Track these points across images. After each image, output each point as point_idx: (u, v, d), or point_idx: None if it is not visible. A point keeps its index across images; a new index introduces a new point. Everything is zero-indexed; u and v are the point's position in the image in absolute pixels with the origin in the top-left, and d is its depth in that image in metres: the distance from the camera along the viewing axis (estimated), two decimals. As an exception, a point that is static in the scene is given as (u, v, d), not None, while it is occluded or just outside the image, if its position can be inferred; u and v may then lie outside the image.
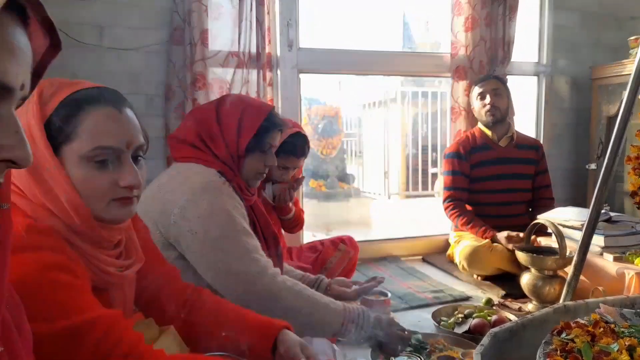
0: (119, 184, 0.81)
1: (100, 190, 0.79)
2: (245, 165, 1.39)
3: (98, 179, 0.79)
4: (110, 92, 0.83)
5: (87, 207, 0.78)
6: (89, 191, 0.78)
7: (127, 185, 0.81)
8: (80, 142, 0.78)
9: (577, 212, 2.18)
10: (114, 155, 0.80)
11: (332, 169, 5.95)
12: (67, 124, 0.78)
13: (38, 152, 0.75)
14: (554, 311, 1.39)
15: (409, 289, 2.23)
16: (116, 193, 0.81)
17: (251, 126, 1.34)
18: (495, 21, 2.72)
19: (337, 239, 2.16)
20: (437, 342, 1.54)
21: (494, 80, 2.56)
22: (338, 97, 5.79)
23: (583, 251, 1.59)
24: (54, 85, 0.80)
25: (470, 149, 2.55)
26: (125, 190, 0.82)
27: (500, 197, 2.53)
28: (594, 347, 0.98)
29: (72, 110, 0.78)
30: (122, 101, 0.84)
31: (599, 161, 2.83)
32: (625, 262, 1.86)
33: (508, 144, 2.57)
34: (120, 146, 0.80)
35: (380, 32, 3.15)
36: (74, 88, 0.80)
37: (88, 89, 0.81)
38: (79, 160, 0.78)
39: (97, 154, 0.78)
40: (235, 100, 1.41)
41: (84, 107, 0.79)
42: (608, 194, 1.56)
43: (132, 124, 0.84)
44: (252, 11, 2.28)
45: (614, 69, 2.76)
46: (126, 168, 0.82)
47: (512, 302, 2.04)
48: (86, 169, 0.78)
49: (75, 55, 2.17)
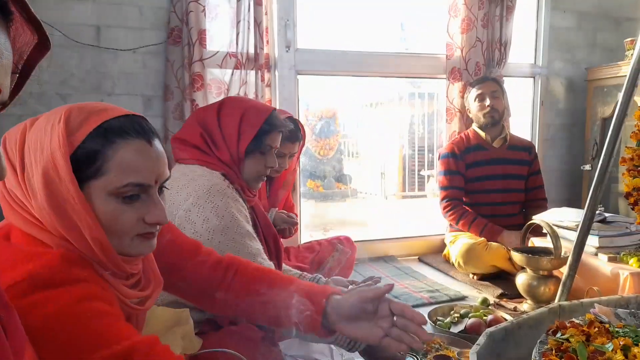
0: (145, 219, 0.78)
1: (127, 226, 0.76)
2: (246, 167, 1.40)
3: (125, 215, 0.76)
4: (140, 122, 0.79)
5: (111, 244, 0.75)
6: (115, 227, 0.75)
7: (154, 222, 0.79)
8: (108, 178, 0.74)
9: (572, 213, 2.20)
10: (142, 191, 0.77)
11: (329, 170, 5.96)
12: (96, 158, 0.73)
13: (62, 186, 0.71)
14: (549, 311, 1.40)
15: (406, 288, 2.24)
16: (141, 228, 0.78)
17: (251, 129, 1.35)
18: (491, 22, 2.74)
19: (334, 239, 2.17)
20: (433, 342, 1.54)
21: (492, 82, 2.57)
22: (335, 98, 5.80)
23: (578, 251, 1.60)
24: (82, 114, 0.75)
25: (464, 149, 2.57)
26: (150, 226, 0.79)
27: (493, 197, 2.55)
28: (589, 347, 0.99)
29: (101, 143, 0.74)
30: (151, 132, 0.80)
31: (594, 162, 2.85)
32: (619, 263, 1.87)
33: (501, 145, 2.59)
34: (150, 182, 0.78)
35: (377, 33, 3.16)
36: (103, 117, 0.76)
37: (118, 119, 0.77)
38: (106, 196, 0.74)
39: (126, 191, 0.75)
40: (236, 102, 1.42)
41: (115, 140, 0.74)
42: (603, 194, 1.58)
43: (161, 157, 0.80)
44: (249, 12, 2.28)
45: (609, 70, 2.77)
46: (153, 203, 0.79)
47: (507, 301, 2.05)
48: (113, 205, 0.75)
49: (72, 55, 2.17)
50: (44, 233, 0.73)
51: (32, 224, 0.73)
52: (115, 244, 0.76)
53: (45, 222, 0.72)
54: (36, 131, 0.74)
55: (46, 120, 0.74)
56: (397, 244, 2.86)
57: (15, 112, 2.11)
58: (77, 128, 0.73)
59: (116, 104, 2.28)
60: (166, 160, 0.82)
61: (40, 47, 0.51)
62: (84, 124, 0.74)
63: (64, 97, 2.18)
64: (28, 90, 2.13)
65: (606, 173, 1.55)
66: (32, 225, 0.73)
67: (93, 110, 0.76)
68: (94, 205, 0.73)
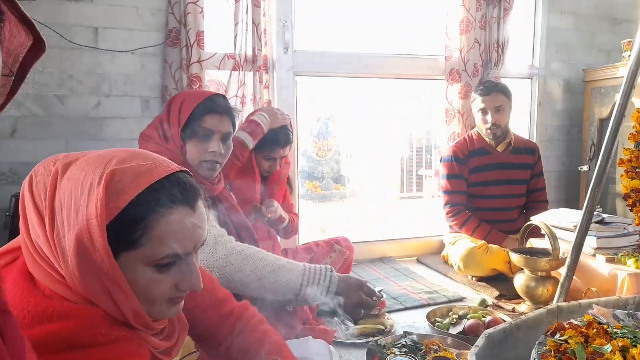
0: (179, 287, 0.74)
1: (160, 295, 0.73)
2: (188, 153, 1.40)
3: (160, 284, 0.72)
4: (184, 183, 0.73)
5: (145, 312, 0.72)
6: (148, 294, 0.71)
7: (189, 289, 0.75)
8: (147, 250, 0.69)
9: (570, 214, 2.20)
10: (179, 259, 0.73)
11: (328, 171, 5.96)
12: (135, 229, 0.68)
13: (96, 256, 0.66)
14: (548, 312, 1.40)
15: (404, 289, 2.24)
16: (173, 294, 0.74)
17: (184, 113, 1.38)
18: (489, 24, 2.74)
19: (332, 240, 2.17)
20: (432, 343, 1.55)
21: (498, 95, 2.47)
22: (333, 98, 5.80)
23: (576, 252, 1.60)
24: (125, 178, 0.68)
25: (467, 153, 2.54)
26: (182, 292, 0.76)
27: (495, 203, 2.53)
28: (588, 348, 0.99)
29: (143, 212, 0.68)
30: (195, 194, 0.75)
31: (592, 163, 2.86)
32: (617, 264, 1.88)
33: (505, 149, 2.56)
34: (189, 251, 0.74)
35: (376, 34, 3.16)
36: (146, 180, 0.69)
37: (162, 182, 0.70)
38: (142, 267, 0.70)
39: (164, 262, 0.71)
40: (183, 92, 1.48)
41: (157, 210, 0.69)
42: (600, 195, 1.58)
43: (202, 222, 0.76)
44: (248, 13, 2.28)
45: (606, 71, 2.78)
46: (189, 270, 0.74)
47: (506, 302, 2.05)
48: (149, 275, 0.70)
49: (70, 57, 2.16)
50: (73, 294, 0.68)
51: (59, 283, 0.68)
52: (145, 308, 0.72)
53: (74, 286, 0.68)
54: (71, 184, 0.68)
55: (84, 175, 0.68)
56: (395, 245, 2.86)
57: (12, 113, 2.11)
58: (118, 194, 0.67)
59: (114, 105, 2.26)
60: (206, 222, 0.78)
61: (35, 49, 0.49)
62: (126, 190, 0.67)
63: (61, 98, 2.18)
64: (25, 92, 2.13)
65: (604, 174, 1.55)
66: (59, 285, 0.68)
67: (138, 172, 0.69)
68: (128, 275, 0.68)
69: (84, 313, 0.67)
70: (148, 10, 2.26)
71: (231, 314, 1.05)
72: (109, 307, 0.69)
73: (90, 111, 2.22)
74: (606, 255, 1.91)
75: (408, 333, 1.61)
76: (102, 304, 0.69)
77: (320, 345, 1.45)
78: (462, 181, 2.53)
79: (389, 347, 1.54)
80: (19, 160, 2.14)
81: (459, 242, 2.46)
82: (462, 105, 2.74)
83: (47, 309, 0.66)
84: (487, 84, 2.56)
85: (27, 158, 2.14)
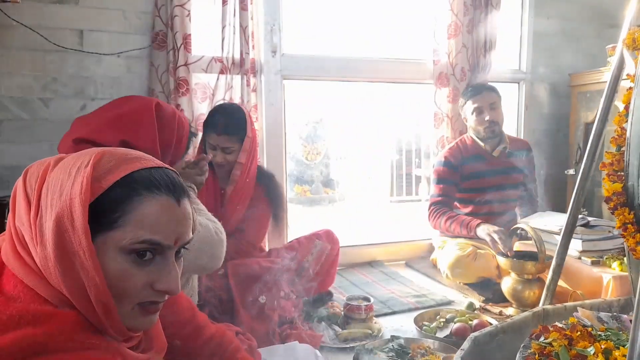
0: (154, 286, 0.70)
1: (132, 290, 0.68)
2: None
3: (134, 277, 0.68)
4: (171, 177, 0.73)
5: (116, 309, 0.67)
6: (120, 289, 0.67)
7: (164, 290, 0.71)
8: (124, 232, 0.67)
9: (556, 217, 2.22)
10: (157, 251, 0.70)
11: (317, 174, 5.95)
12: (116, 209, 0.67)
13: (74, 236, 0.64)
14: (534, 315, 1.41)
15: (392, 293, 2.23)
16: (146, 296, 0.70)
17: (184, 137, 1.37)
18: (477, 28, 2.76)
19: (313, 235, 2.11)
20: (419, 347, 1.55)
21: (490, 93, 2.48)
22: (322, 102, 5.80)
23: (561, 255, 1.62)
24: (113, 160, 0.69)
25: (461, 159, 2.50)
26: (157, 295, 0.71)
27: (490, 208, 2.47)
28: (571, 351, 0.99)
29: (125, 194, 0.67)
30: (182, 190, 0.73)
31: (578, 167, 2.88)
32: (602, 266, 1.89)
33: (501, 153, 2.52)
34: (169, 242, 0.70)
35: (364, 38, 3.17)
36: (134, 165, 0.69)
37: (149, 170, 0.71)
38: (117, 252, 0.67)
39: (141, 248, 0.68)
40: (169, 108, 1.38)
41: (140, 192, 0.68)
42: (586, 199, 1.60)
43: (187, 219, 0.73)
44: (235, 16, 2.27)
45: (592, 76, 2.81)
46: (167, 269, 0.71)
47: (493, 306, 2.06)
48: (123, 263, 0.67)
49: (55, 60, 2.14)
50: (46, 287, 0.66)
51: (33, 273, 0.66)
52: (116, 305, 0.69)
53: (48, 275, 0.66)
54: (60, 171, 0.68)
55: (73, 162, 0.69)
56: (384, 248, 2.86)
57: (-4, 117, 2.09)
58: (105, 175, 0.67)
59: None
60: (191, 223, 0.75)
61: None
62: (112, 171, 0.68)
63: (46, 101, 2.15)
64: (8, 95, 2.10)
65: (588, 178, 1.57)
66: (34, 276, 0.66)
67: (125, 158, 0.70)
68: (103, 261, 0.66)
69: (55, 318, 0.64)
70: (134, 13, 2.24)
71: (211, 341, 1.05)
72: (81, 301, 0.66)
73: (75, 114, 2.19)
74: (591, 258, 1.93)
75: (395, 337, 1.61)
76: (74, 295, 0.66)
77: (307, 350, 1.44)
78: (452, 187, 2.51)
79: (377, 352, 1.54)
80: (3, 164, 2.11)
81: (447, 246, 2.45)
82: (450, 109, 2.76)
83: (13, 315, 0.62)
84: (475, 86, 2.57)
85: (12, 162, 2.11)
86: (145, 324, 0.73)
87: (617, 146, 1.06)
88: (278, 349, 1.45)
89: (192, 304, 1.06)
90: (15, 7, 2.01)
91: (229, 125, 1.88)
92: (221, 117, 1.89)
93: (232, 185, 1.92)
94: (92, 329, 0.68)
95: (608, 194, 0.96)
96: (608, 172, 1.00)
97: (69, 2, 2.14)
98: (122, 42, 2.23)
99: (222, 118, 1.89)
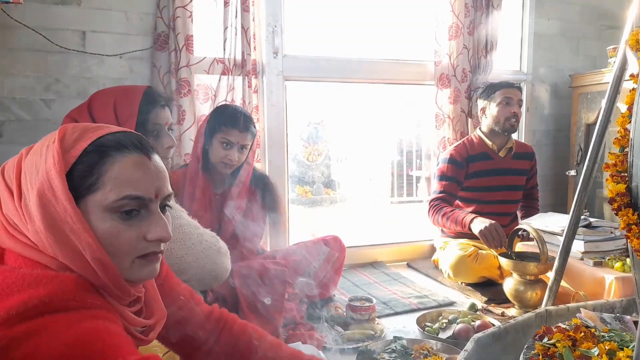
0: (146, 237, 0.74)
1: (127, 246, 0.72)
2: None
3: (125, 233, 0.72)
4: (136, 138, 0.77)
5: (113, 264, 0.71)
6: (115, 247, 0.71)
7: (156, 239, 0.74)
8: (105, 192, 0.70)
9: (558, 218, 2.22)
10: (141, 205, 0.74)
11: (318, 175, 5.95)
12: (91, 172, 0.70)
13: (59, 205, 0.68)
14: (536, 316, 1.41)
15: (394, 294, 2.23)
16: (143, 248, 0.74)
17: (130, 113, 1.28)
18: (478, 29, 2.77)
19: (321, 240, 2.11)
20: (422, 348, 1.55)
21: (518, 91, 2.49)
22: (324, 103, 5.80)
23: (564, 256, 1.62)
24: (77, 131, 0.74)
25: (467, 157, 2.49)
26: (153, 245, 0.75)
27: (492, 208, 2.47)
28: (575, 352, 0.99)
29: (98, 157, 0.71)
30: (149, 147, 0.78)
31: (579, 168, 2.89)
32: (605, 267, 1.90)
33: (507, 154, 2.53)
34: (149, 195, 0.74)
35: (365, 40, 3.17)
36: (98, 133, 0.74)
37: (114, 134, 0.75)
38: (103, 212, 0.71)
39: (124, 204, 0.71)
40: (105, 93, 1.35)
41: (110, 154, 0.72)
42: (587, 199, 1.60)
43: (161, 172, 0.78)
44: (237, 17, 2.28)
45: (593, 77, 2.82)
46: (155, 219, 0.75)
47: (495, 307, 2.06)
48: (111, 222, 0.71)
49: (58, 61, 2.14)
50: (43, 256, 0.69)
51: (30, 247, 0.70)
52: (115, 264, 0.72)
53: (42, 247, 0.69)
54: (32, 155, 0.73)
55: (41, 144, 0.74)
56: (385, 249, 2.86)
57: (-2, 118, 2.09)
58: (73, 145, 0.71)
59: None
60: (167, 175, 0.79)
61: None
62: (79, 140, 0.72)
63: (48, 102, 2.16)
64: (11, 96, 2.10)
65: (590, 178, 1.57)
66: (30, 249, 0.70)
67: (88, 128, 0.75)
68: (91, 223, 0.70)
69: (55, 280, 0.67)
70: (136, 15, 2.24)
71: (211, 314, 1.05)
72: (79, 264, 0.69)
73: (77, 115, 2.20)
74: (594, 259, 1.93)
75: (398, 338, 1.61)
76: (72, 261, 0.69)
77: (309, 351, 1.44)
78: (454, 184, 2.49)
79: (379, 352, 1.54)
80: (5, 165, 2.11)
81: (449, 247, 2.46)
82: (452, 110, 2.76)
83: (17, 280, 0.65)
84: (507, 81, 2.56)
85: (13, 163, 2.11)
86: (149, 274, 0.77)
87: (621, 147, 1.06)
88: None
89: (188, 287, 1.06)
90: (17, 8, 2.01)
91: (249, 122, 1.89)
92: (242, 115, 1.88)
93: (236, 187, 1.91)
94: (92, 290, 0.71)
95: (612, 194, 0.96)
96: (611, 173, 1.00)
97: (71, 3, 2.14)
98: (124, 43, 2.23)
99: (242, 115, 1.88)
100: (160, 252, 0.77)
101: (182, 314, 0.99)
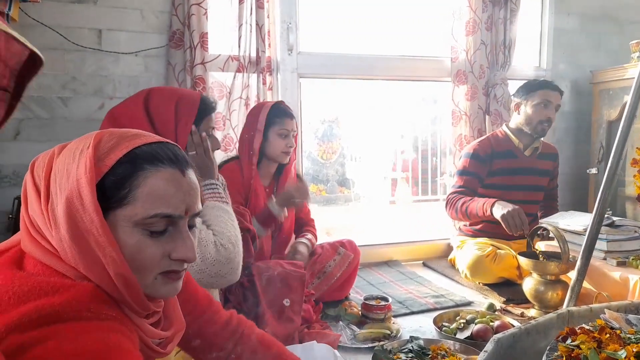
0: (171, 256, 0.72)
1: (151, 262, 0.70)
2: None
3: (150, 249, 0.70)
4: (172, 150, 0.74)
5: (136, 280, 0.69)
6: (138, 262, 0.69)
7: (180, 259, 0.72)
8: (135, 208, 0.68)
9: (579, 217, 2.17)
10: (170, 223, 0.72)
11: (332, 174, 5.93)
12: (123, 185, 0.68)
13: (86, 216, 0.66)
14: (558, 317, 1.37)
15: (410, 293, 2.21)
16: (166, 266, 0.72)
17: (189, 113, 1.36)
18: (496, 25, 2.72)
19: (337, 243, 2.15)
20: (439, 348, 1.52)
21: (559, 95, 2.39)
22: (338, 100, 5.78)
23: (586, 256, 1.57)
24: (113, 139, 0.71)
25: (491, 153, 2.42)
26: (176, 264, 0.73)
27: None
28: (601, 354, 0.96)
29: (130, 170, 0.69)
30: (185, 161, 0.75)
31: (600, 165, 2.82)
32: (628, 267, 1.84)
33: (532, 153, 2.46)
34: (179, 212, 0.72)
35: (381, 36, 3.15)
36: (135, 142, 0.71)
37: (150, 145, 0.72)
38: (131, 227, 0.69)
39: (154, 222, 0.69)
40: (163, 91, 1.40)
41: (145, 167, 0.69)
42: (610, 198, 1.55)
43: (194, 189, 0.75)
44: (252, 15, 2.27)
45: (615, 73, 2.75)
46: (182, 238, 0.73)
47: (514, 307, 2.02)
48: (138, 237, 0.69)
49: (74, 59, 2.16)
50: (63, 264, 0.67)
51: (51, 254, 0.68)
52: (137, 279, 0.70)
53: (64, 256, 0.67)
54: (64, 157, 0.70)
55: (75, 146, 0.71)
56: (401, 248, 2.83)
57: (16, 116, 2.10)
58: (107, 154, 0.69)
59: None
60: (199, 193, 0.76)
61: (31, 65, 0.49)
62: (114, 149, 0.69)
63: (65, 100, 2.17)
64: (28, 94, 2.12)
65: (615, 176, 1.52)
66: (51, 256, 0.68)
67: (125, 135, 0.72)
68: (118, 237, 0.68)
69: (72, 289, 0.65)
70: (152, 12, 2.25)
71: (229, 322, 1.04)
72: (101, 278, 0.67)
73: (93, 113, 2.21)
74: (617, 259, 1.88)
75: (415, 338, 1.58)
76: (93, 273, 0.67)
77: (325, 350, 1.42)
78: (475, 180, 2.42)
79: (395, 352, 1.52)
80: (23, 163, 2.13)
81: (466, 246, 2.41)
82: (468, 107, 2.72)
83: (34, 287, 0.64)
84: (551, 82, 2.43)
85: (31, 160, 2.13)
86: (169, 292, 0.75)
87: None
88: (296, 348, 1.43)
89: (206, 293, 1.05)
90: (35, 7, 2.03)
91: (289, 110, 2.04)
92: (287, 105, 2.04)
93: (284, 174, 2.06)
94: (109, 301, 0.68)
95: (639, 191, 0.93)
96: (639, 169, 0.97)
97: (87, 2, 2.16)
98: (139, 41, 2.24)
99: (287, 106, 2.04)
100: (183, 271, 0.75)
101: (200, 322, 0.98)
